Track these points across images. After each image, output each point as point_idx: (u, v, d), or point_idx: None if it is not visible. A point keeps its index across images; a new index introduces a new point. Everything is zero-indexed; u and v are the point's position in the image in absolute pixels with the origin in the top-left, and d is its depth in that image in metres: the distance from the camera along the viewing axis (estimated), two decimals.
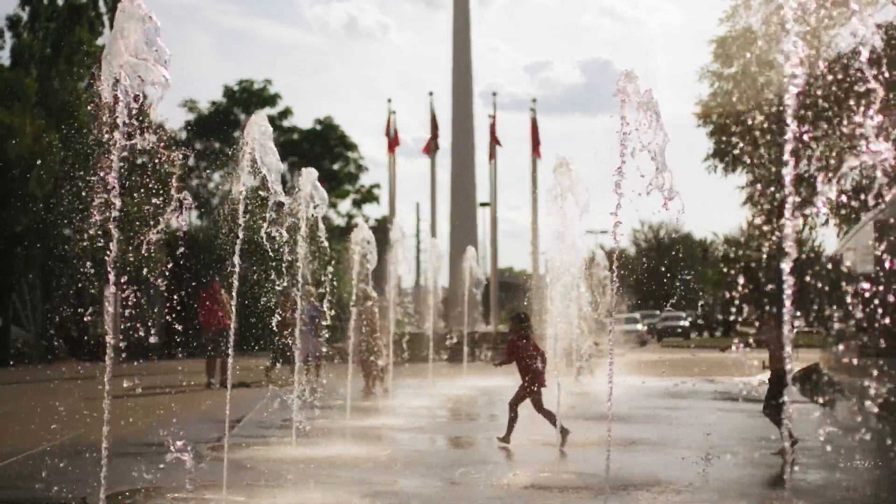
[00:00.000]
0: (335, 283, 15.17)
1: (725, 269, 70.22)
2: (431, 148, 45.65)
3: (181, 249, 7.83)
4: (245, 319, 16.75)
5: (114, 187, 6.66)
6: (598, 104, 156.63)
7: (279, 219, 9.88)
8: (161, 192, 7.30)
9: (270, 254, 9.96)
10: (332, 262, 14.16)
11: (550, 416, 12.03)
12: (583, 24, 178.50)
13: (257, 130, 9.31)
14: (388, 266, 23.30)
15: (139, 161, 7.37)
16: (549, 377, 12.14)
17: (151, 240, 6.83)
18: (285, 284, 11.39)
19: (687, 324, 61.64)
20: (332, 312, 14.20)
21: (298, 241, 12.06)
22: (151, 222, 6.93)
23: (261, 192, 9.56)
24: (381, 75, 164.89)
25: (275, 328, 12.80)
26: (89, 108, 6.84)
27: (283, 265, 10.80)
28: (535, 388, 12.18)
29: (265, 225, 9.59)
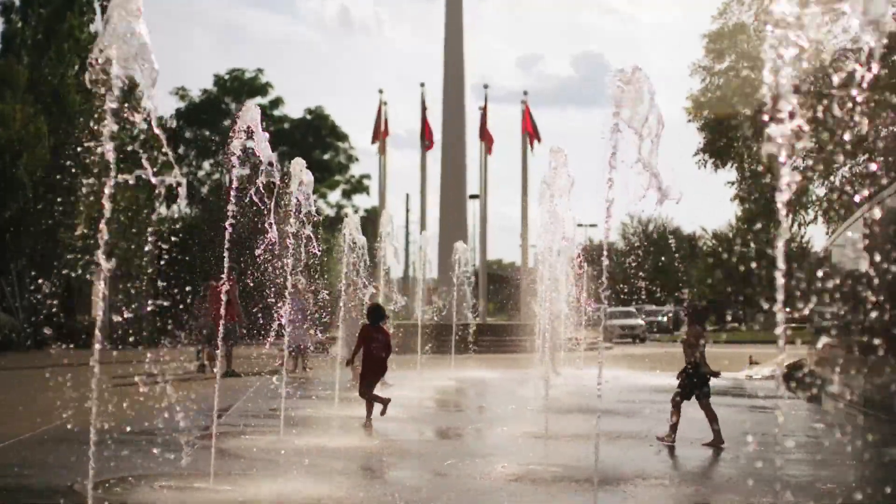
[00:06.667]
0: (326, 273, 15.18)
1: (711, 264, 70.38)
2: (425, 140, 45.55)
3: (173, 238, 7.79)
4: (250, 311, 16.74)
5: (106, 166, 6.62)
6: (591, 97, 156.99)
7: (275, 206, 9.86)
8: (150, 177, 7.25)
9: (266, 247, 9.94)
10: (323, 252, 14.16)
11: (371, 405, 12.79)
12: (578, 18, 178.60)
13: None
14: (377, 257, 23.27)
15: (129, 148, 7.34)
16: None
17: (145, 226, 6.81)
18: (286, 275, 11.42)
19: (665, 319, 61.80)
20: (319, 298, 14.23)
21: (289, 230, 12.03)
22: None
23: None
24: (375, 68, 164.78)
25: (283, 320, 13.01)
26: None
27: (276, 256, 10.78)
28: (373, 374, 12.95)
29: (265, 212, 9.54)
